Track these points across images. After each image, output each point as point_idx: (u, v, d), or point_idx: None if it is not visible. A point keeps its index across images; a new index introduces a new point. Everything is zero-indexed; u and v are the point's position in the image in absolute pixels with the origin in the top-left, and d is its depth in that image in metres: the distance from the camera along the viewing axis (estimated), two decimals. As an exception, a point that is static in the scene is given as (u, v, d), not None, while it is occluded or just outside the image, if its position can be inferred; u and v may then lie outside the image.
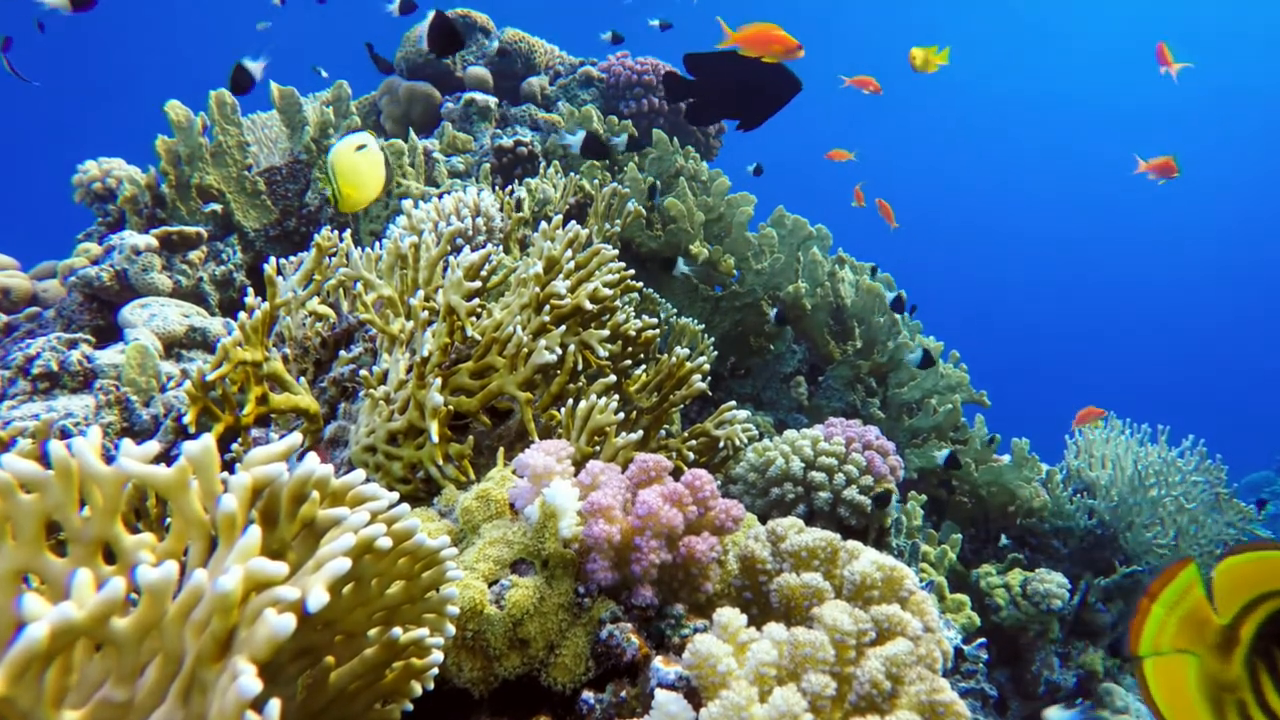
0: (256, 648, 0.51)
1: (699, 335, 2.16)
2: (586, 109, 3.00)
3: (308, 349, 1.50)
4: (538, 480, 0.94)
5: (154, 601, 0.51)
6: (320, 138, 2.76)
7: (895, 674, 0.77)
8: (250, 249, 2.68)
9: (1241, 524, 2.69)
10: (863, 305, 2.73)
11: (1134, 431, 2.88)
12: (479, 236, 2.00)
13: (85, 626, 0.48)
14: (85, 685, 0.54)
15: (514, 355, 1.22)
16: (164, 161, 2.59)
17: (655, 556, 0.89)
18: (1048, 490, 2.71)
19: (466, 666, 0.86)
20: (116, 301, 2.28)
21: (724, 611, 0.83)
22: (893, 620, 0.81)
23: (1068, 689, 2.46)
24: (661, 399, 1.43)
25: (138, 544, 0.58)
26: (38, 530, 0.55)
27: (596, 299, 1.30)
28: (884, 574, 0.86)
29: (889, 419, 2.67)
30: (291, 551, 0.64)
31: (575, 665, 0.87)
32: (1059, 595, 2.35)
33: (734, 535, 0.99)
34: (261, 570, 0.52)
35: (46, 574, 0.56)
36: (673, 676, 0.81)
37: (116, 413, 1.86)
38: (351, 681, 0.71)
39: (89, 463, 0.56)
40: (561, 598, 0.89)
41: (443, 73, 3.39)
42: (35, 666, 0.47)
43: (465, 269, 1.24)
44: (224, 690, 0.50)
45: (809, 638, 0.78)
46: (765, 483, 1.77)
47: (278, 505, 0.62)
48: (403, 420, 1.20)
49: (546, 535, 0.90)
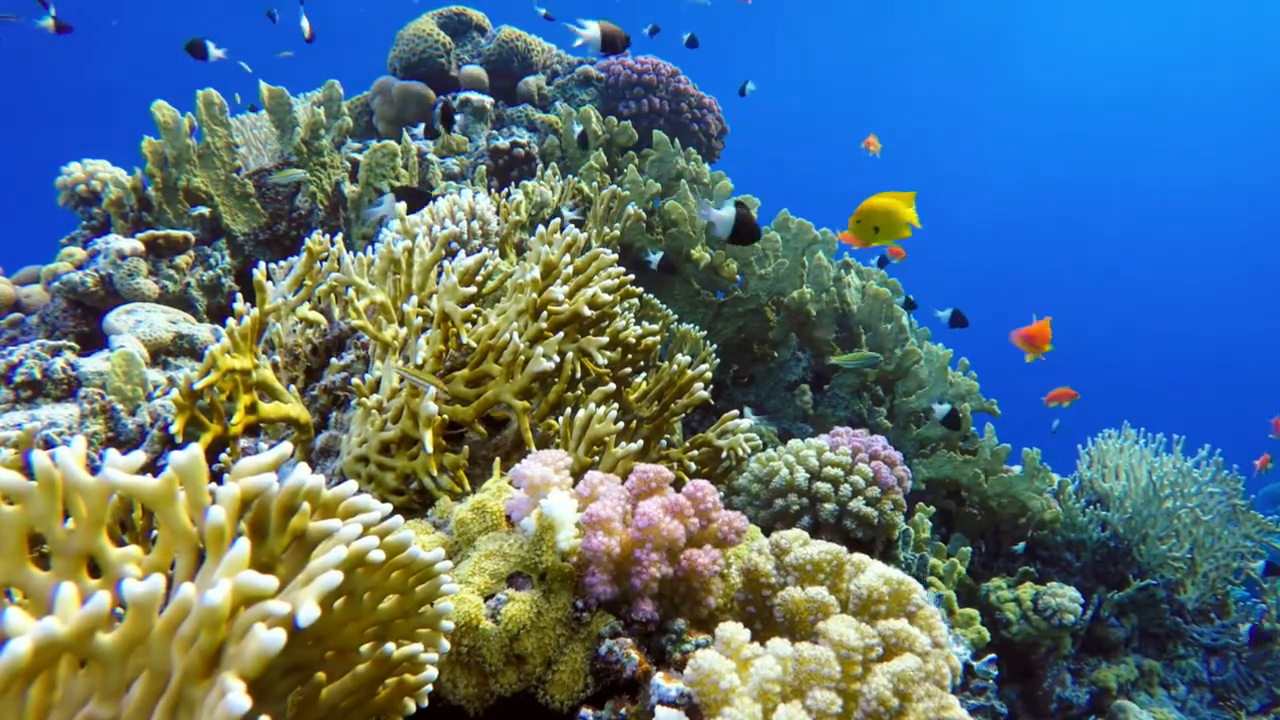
0: (245, 664, 0.49)
1: (701, 342, 2.14)
2: (585, 109, 2.99)
3: (298, 356, 1.47)
4: (535, 491, 0.93)
5: (140, 616, 0.50)
6: (311, 139, 2.74)
7: (903, 691, 0.76)
8: (239, 253, 2.65)
9: (1260, 536, 2.67)
10: (869, 311, 2.71)
11: (1148, 441, 2.84)
12: (474, 240, 1.98)
13: (69, 642, 0.47)
14: (69, 702, 0.53)
15: (510, 363, 1.20)
16: (150, 163, 2.56)
17: (656, 570, 0.87)
18: (1060, 502, 2.68)
19: (461, 683, 0.84)
20: (101, 307, 2.25)
21: (726, 626, 0.81)
22: (900, 635, 0.80)
23: (1080, 706, 2.43)
24: (662, 408, 1.41)
25: (123, 557, 0.56)
26: (20, 543, 0.54)
27: (595, 305, 1.28)
28: (891, 588, 0.84)
29: (896, 428, 2.64)
30: (281, 565, 0.62)
31: (573, 682, 0.85)
32: (1071, 610, 2.32)
33: (737, 548, 0.97)
34: (250, 584, 0.51)
35: (29, 588, 0.54)
36: (674, 693, 0.80)
37: (101, 422, 1.82)
38: (343, 698, 0.70)
39: (73, 473, 0.54)
40: (559, 612, 0.87)
41: (438, 72, 3.37)
42: (17, 683, 0.46)
43: (460, 274, 1.22)
44: (212, 707, 0.49)
45: (814, 654, 0.76)
46: (769, 494, 1.75)
47: (267, 517, 0.61)
48: (396, 430, 1.18)
49: (544, 548, 0.88)
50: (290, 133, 2.75)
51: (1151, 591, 2.58)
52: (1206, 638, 2.69)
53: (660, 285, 2.63)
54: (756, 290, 2.63)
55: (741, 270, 2.65)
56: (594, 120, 2.96)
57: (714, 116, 3.61)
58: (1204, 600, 2.68)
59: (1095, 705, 2.48)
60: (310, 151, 2.74)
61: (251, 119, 2.79)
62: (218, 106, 2.60)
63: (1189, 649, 2.73)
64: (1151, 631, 2.70)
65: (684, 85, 3.49)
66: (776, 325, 2.69)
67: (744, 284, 2.66)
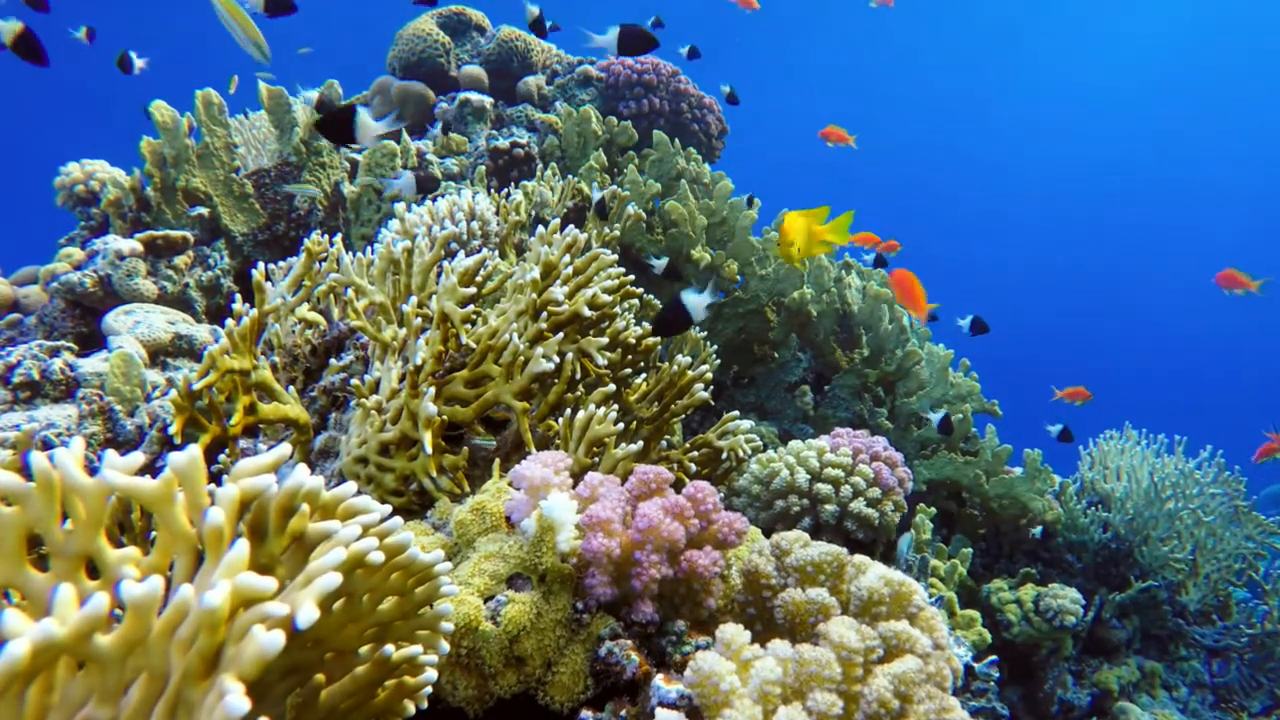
0: (244, 665, 0.49)
1: (701, 343, 2.13)
2: (585, 109, 2.98)
3: (297, 357, 1.47)
4: (535, 493, 0.92)
5: (138, 618, 0.50)
6: (310, 139, 2.73)
7: (904, 693, 0.76)
8: (238, 253, 2.65)
9: (1261, 537, 2.66)
10: (870, 312, 2.70)
11: (1150, 442, 2.83)
12: (474, 241, 1.98)
13: (67, 644, 0.47)
14: (67, 704, 0.53)
15: (510, 363, 1.20)
16: (149, 163, 2.56)
17: (656, 571, 0.87)
18: (1061, 503, 2.67)
19: (461, 685, 0.84)
20: (100, 308, 2.25)
21: (727, 628, 0.81)
22: (901, 637, 0.79)
23: (1082, 708, 2.42)
24: (662, 409, 1.41)
25: (122, 558, 0.56)
26: (19, 544, 0.54)
27: (595, 305, 1.28)
28: (892, 589, 0.84)
29: (897, 429, 2.62)
30: (280, 566, 0.62)
31: (573, 683, 0.85)
32: (1073, 611, 2.30)
33: (737, 549, 0.97)
34: (249, 585, 0.50)
35: (28, 589, 0.54)
36: (674, 695, 0.79)
37: (100, 423, 1.82)
38: (342, 700, 0.70)
39: (71, 474, 0.54)
40: (559, 614, 0.86)
41: (437, 72, 3.37)
42: (16, 685, 0.46)
43: (460, 274, 1.22)
44: (211, 709, 0.49)
45: (815, 655, 0.76)
46: (769, 495, 1.74)
47: (266, 518, 0.61)
48: (395, 431, 1.17)
49: (544, 549, 0.88)
50: (289, 133, 2.75)
51: (1153, 593, 2.57)
52: (1208, 639, 2.69)
53: (660, 286, 2.62)
54: (757, 291, 2.63)
55: (742, 271, 2.64)
56: (594, 120, 2.96)
57: (714, 117, 3.60)
58: (1206, 602, 2.68)
59: (1097, 707, 2.47)
60: (309, 151, 2.74)
61: (250, 119, 2.78)
62: (216, 106, 2.60)
63: (1191, 650, 2.72)
64: (1153, 633, 2.70)
65: (684, 85, 3.49)
66: (777, 326, 2.68)
67: (744, 284, 2.65)
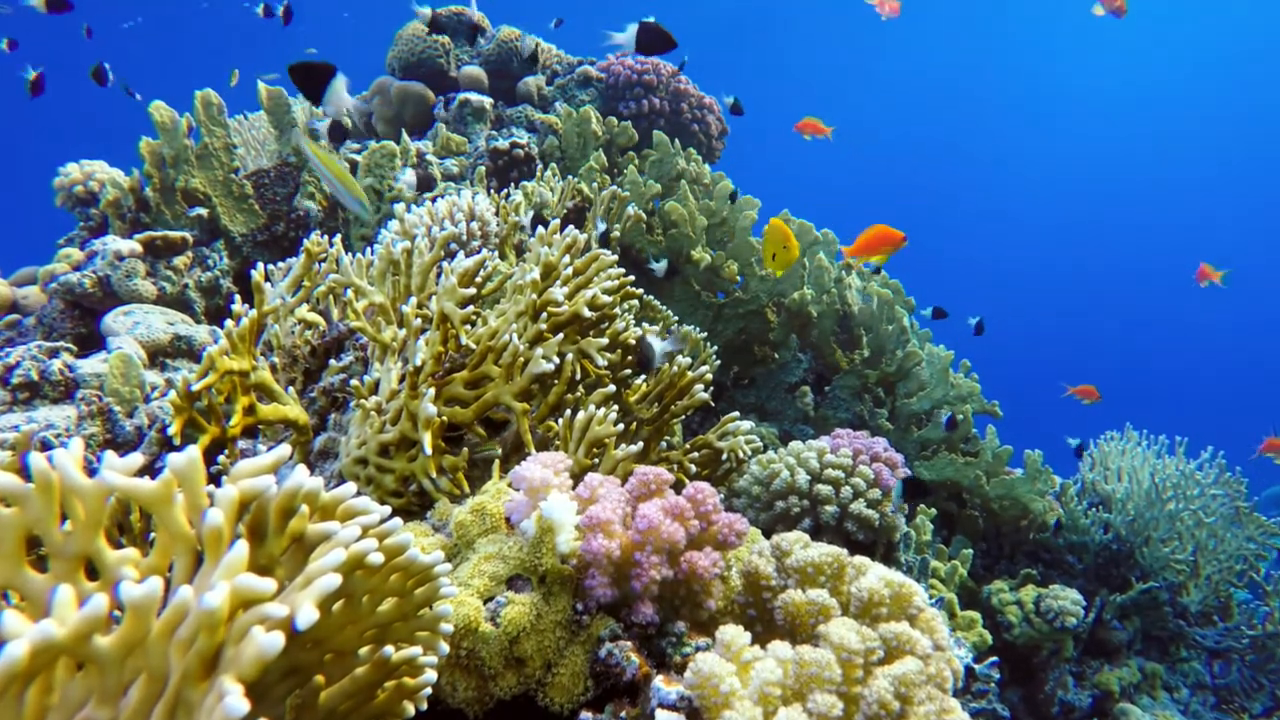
0: (244, 666, 0.49)
1: (701, 343, 2.13)
2: (585, 110, 2.98)
3: (297, 358, 1.47)
4: (534, 494, 0.92)
5: (138, 619, 0.50)
6: (309, 139, 2.73)
7: (904, 694, 0.75)
8: (237, 254, 2.64)
9: (1263, 538, 2.66)
10: (870, 313, 2.70)
11: (1151, 443, 2.83)
12: (474, 241, 1.98)
13: (67, 645, 0.47)
14: (66, 705, 0.52)
15: (510, 364, 1.20)
16: (148, 164, 2.56)
17: (656, 572, 0.87)
18: (1062, 504, 2.66)
19: (461, 686, 0.84)
20: (99, 309, 2.25)
21: (727, 629, 0.81)
22: (901, 638, 0.79)
23: (1082, 709, 2.42)
24: (662, 410, 1.41)
25: (121, 559, 0.56)
26: (18, 545, 0.53)
27: (595, 306, 1.28)
28: (892, 590, 0.84)
29: (897, 430, 2.62)
30: (280, 567, 0.62)
31: (573, 685, 0.84)
32: (1073, 612, 2.30)
33: (737, 550, 0.97)
34: (249, 586, 0.50)
35: (27, 590, 0.54)
36: (674, 696, 0.79)
37: (99, 424, 1.82)
38: (342, 702, 0.70)
39: (70, 475, 0.54)
40: (559, 615, 0.86)
41: (437, 72, 3.37)
42: (15, 686, 0.46)
43: (459, 275, 1.22)
44: (210, 710, 0.49)
45: (815, 656, 0.75)
46: (770, 496, 1.74)
47: (265, 519, 0.61)
48: (395, 432, 1.17)
49: (543, 550, 0.87)
50: (288, 133, 2.75)
51: (1154, 594, 2.57)
52: (1209, 640, 2.69)
53: (660, 286, 2.62)
54: (757, 292, 2.62)
55: (742, 271, 2.64)
56: (594, 120, 2.96)
57: (714, 117, 3.60)
58: (1207, 603, 2.68)
59: (1097, 708, 2.47)
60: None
61: (250, 120, 2.78)
62: (216, 107, 2.60)
63: (1192, 652, 2.72)
64: (1154, 634, 2.69)
65: (684, 86, 3.49)
66: (777, 327, 2.68)
67: (744, 285, 2.65)
